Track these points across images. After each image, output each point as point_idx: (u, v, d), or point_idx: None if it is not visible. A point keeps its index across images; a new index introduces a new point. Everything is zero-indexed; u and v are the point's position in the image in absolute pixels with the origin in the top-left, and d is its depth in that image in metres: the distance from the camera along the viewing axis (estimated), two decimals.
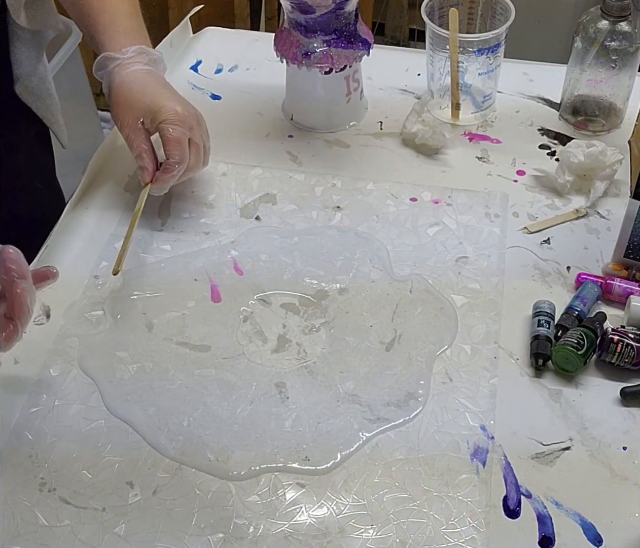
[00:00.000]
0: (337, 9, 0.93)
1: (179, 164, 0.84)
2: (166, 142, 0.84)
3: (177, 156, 0.84)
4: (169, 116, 0.84)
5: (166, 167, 0.84)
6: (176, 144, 0.84)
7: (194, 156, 0.87)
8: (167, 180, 0.85)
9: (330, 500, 0.68)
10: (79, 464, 0.70)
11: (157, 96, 0.86)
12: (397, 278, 0.85)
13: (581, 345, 0.74)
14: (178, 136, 0.84)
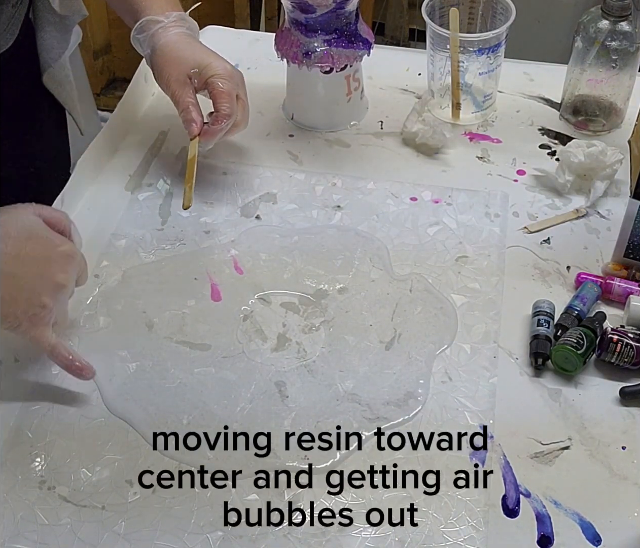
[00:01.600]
0: (337, 8, 0.93)
1: (229, 116, 0.87)
2: (218, 95, 0.87)
3: (227, 109, 0.86)
4: (219, 70, 0.88)
5: (217, 118, 0.87)
6: (227, 97, 0.87)
7: (240, 112, 0.89)
8: (216, 132, 0.87)
9: (329, 499, 0.68)
10: (78, 462, 0.70)
11: (205, 53, 0.90)
12: (397, 277, 0.85)
13: (581, 345, 0.74)
14: (229, 90, 0.87)
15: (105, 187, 0.96)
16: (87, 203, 0.94)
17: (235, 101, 0.88)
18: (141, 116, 1.06)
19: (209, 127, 0.88)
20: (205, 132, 0.88)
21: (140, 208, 0.93)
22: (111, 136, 1.00)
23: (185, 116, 0.88)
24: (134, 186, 0.96)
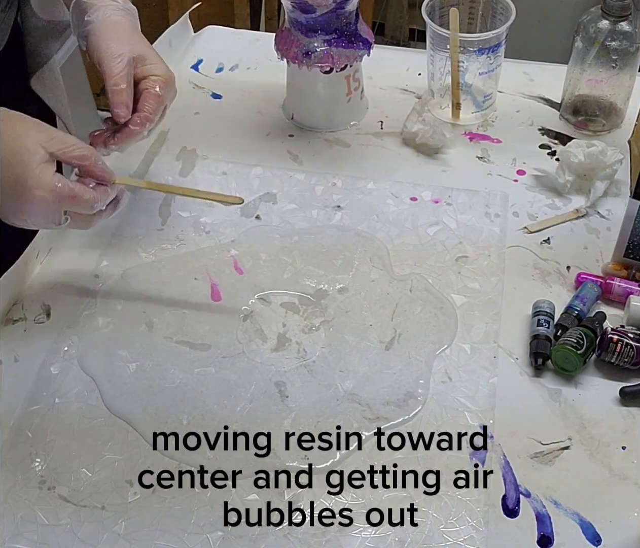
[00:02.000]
0: (337, 8, 0.93)
1: (151, 122, 0.82)
2: (149, 96, 0.81)
3: (152, 114, 0.81)
4: (162, 74, 0.83)
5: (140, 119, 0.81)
6: (158, 103, 0.82)
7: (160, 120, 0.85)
8: (134, 134, 0.81)
9: (329, 499, 0.68)
10: (78, 462, 0.70)
11: (151, 49, 0.85)
12: (397, 277, 0.85)
13: (581, 345, 0.74)
14: (163, 97, 0.83)
15: None
16: None
17: (161, 110, 0.83)
18: None
19: (127, 127, 0.80)
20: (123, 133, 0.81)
21: (140, 208, 0.93)
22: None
23: (119, 98, 0.80)
24: (133, 186, 0.95)
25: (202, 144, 1.01)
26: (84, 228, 0.76)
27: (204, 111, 1.07)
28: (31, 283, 0.84)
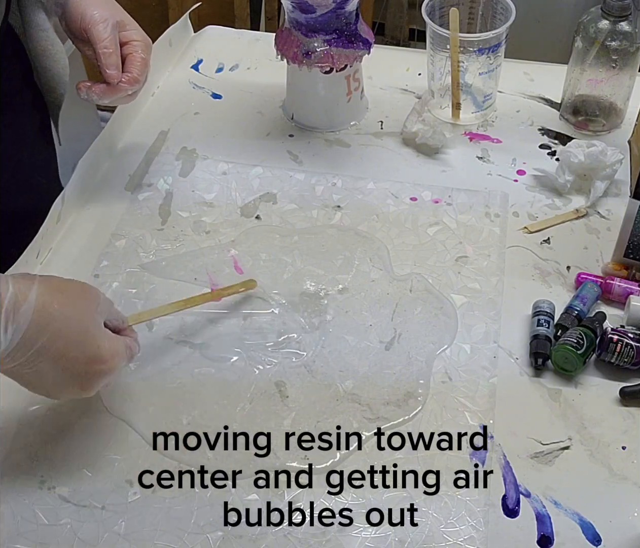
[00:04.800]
0: (337, 8, 0.93)
1: (139, 83, 0.86)
2: (136, 59, 0.86)
3: (141, 76, 0.86)
4: (142, 38, 0.87)
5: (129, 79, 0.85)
6: (144, 66, 0.86)
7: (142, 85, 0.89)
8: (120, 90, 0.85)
9: (329, 499, 0.68)
10: (78, 462, 0.70)
11: (127, 15, 0.88)
12: (397, 277, 0.85)
13: (581, 345, 0.74)
14: (147, 60, 0.87)
15: (105, 187, 0.96)
16: (87, 203, 0.94)
17: (146, 72, 0.87)
18: (141, 116, 1.06)
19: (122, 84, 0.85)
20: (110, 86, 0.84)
21: (140, 208, 0.93)
22: (111, 136, 1.00)
23: (110, 59, 0.83)
24: (134, 186, 0.96)
25: (202, 144, 1.01)
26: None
27: (204, 111, 1.07)
28: None
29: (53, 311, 0.62)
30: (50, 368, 0.63)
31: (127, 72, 0.85)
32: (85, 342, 0.64)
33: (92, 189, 0.95)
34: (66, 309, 0.63)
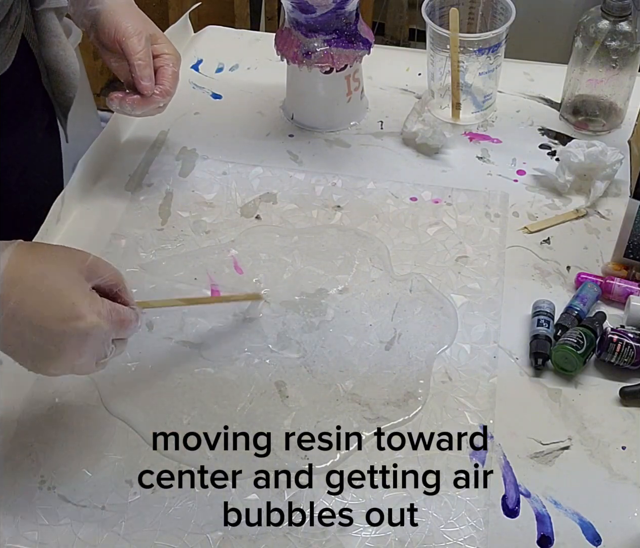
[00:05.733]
0: (337, 8, 0.93)
1: (170, 96, 0.88)
2: (168, 73, 0.87)
3: (173, 89, 0.88)
4: (173, 52, 0.89)
5: (162, 91, 0.86)
6: (176, 80, 0.88)
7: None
8: (153, 102, 0.86)
9: (329, 499, 0.68)
10: (78, 462, 0.70)
11: (156, 28, 0.90)
12: (397, 277, 0.85)
13: (580, 345, 0.74)
14: (178, 74, 0.89)
15: (105, 187, 0.96)
16: (87, 203, 0.94)
17: (177, 86, 0.89)
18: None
19: (155, 96, 0.86)
20: (144, 98, 0.86)
21: (140, 208, 0.93)
22: (111, 136, 1.00)
23: (145, 71, 0.85)
24: (134, 186, 0.96)
25: (202, 144, 1.01)
26: (118, 355, 0.66)
27: (204, 111, 1.07)
28: None
29: (26, 267, 0.59)
30: (28, 330, 0.59)
31: (160, 85, 0.86)
32: (58, 298, 0.60)
33: (92, 189, 0.95)
34: (40, 266, 0.60)
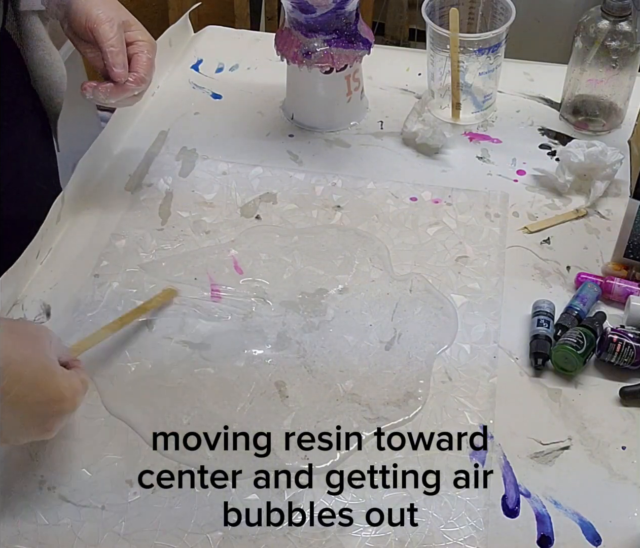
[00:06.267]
0: (337, 8, 0.93)
1: (146, 83, 0.86)
2: (142, 59, 0.85)
3: (148, 75, 0.86)
4: (147, 39, 0.87)
5: (136, 78, 0.85)
6: (150, 67, 0.86)
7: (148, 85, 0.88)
8: (127, 90, 0.84)
9: (329, 499, 0.68)
10: (78, 462, 0.70)
11: (130, 15, 0.88)
12: (397, 277, 0.85)
13: (580, 345, 0.74)
14: (152, 60, 0.87)
15: (105, 187, 0.96)
16: (87, 203, 0.94)
17: (153, 72, 0.87)
18: (141, 116, 1.06)
19: (129, 83, 0.85)
20: (117, 86, 0.84)
21: (140, 208, 0.93)
22: (111, 136, 1.00)
23: (117, 58, 0.83)
24: (134, 186, 0.96)
25: (202, 144, 1.01)
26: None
27: (204, 111, 1.07)
28: (31, 283, 0.85)
29: (10, 353, 0.59)
30: (9, 413, 0.59)
31: (134, 72, 0.85)
32: (45, 383, 0.61)
33: (92, 189, 0.95)
34: (23, 351, 0.60)
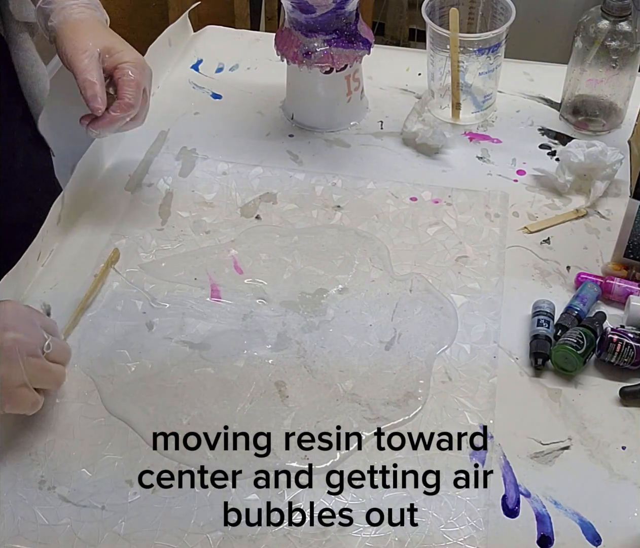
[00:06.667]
0: (337, 8, 0.93)
1: (133, 107, 0.83)
2: (125, 83, 0.83)
3: (133, 99, 0.83)
4: (131, 59, 0.84)
5: (120, 106, 0.83)
6: (135, 88, 0.83)
7: (142, 106, 0.86)
8: (116, 120, 0.83)
9: (329, 499, 0.68)
10: (78, 462, 0.70)
11: (118, 39, 0.86)
12: (397, 277, 0.85)
13: (580, 345, 0.74)
14: (138, 80, 0.84)
15: (105, 187, 0.96)
16: (87, 203, 0.94)
17: (141, 93, 0.84)
18: None
19: (108, 113, 0.82)
20: (104, 119, 0.83)
21: (140, 208, 0.93)
22: (111, 136, 1.00)
23: (91, 91, 0.81)
24: (134, 186, 0.96)
25: (202, 144, 1.01)
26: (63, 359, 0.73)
27: (204, 111, 1.07)
28: (32, 285, 0.84)
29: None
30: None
31: (120, 99, 0.83)
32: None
33: (92, 189, 0.95)
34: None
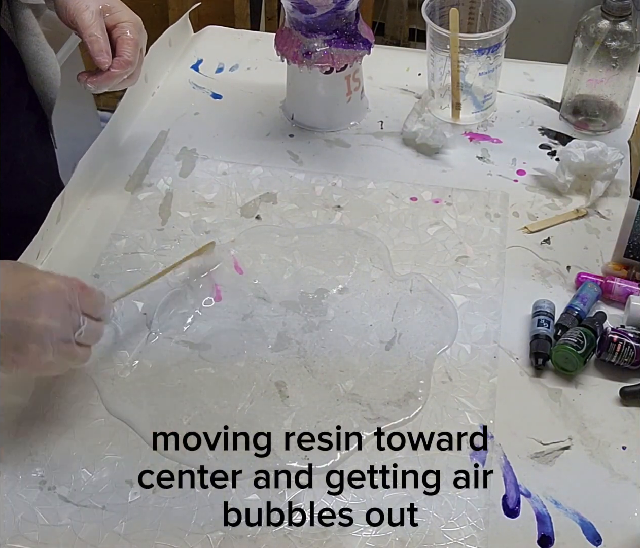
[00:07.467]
0: (337, 8, 0.93)
1: (131, 64, 0.85)
2: (125, 41, 0.85)
3: (132, 56, 0.85)
4: (130, 19, 0.87)
5: (119, 62, 0.85)
6: (134, 46, 0.86)
7: (138, 65, 0.88)
8: (114, 76, 0.85)
9: (329, 499, 0.68)
10: (78, 462, 0.70)
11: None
12: (397, 277, 0.85)
13: (581, 345, 0.74)
14: (136, 39, 0.86)
15: (105, 187, 0.96)
16: (87, 203, 0.94)
17: (138, 52, 0.87)
18: (141, 116, 1.06)
19: (108, 70, 0.85)
20: (103, 74, 0.85)
21: (140, 208, 0.93)
22: (111, 136, 1.00)
23: (97, 45, 0.84)
24: (134, 186, 0.96)
25: (202, 144, 1.01)
26: (92, 341, 0.72)
27: (204, 111, 1.07)
28: None
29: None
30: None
31: (119, 56, 0.85)
32: (15, 278, 0.66)
33: (92, 189, 0.95)
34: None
